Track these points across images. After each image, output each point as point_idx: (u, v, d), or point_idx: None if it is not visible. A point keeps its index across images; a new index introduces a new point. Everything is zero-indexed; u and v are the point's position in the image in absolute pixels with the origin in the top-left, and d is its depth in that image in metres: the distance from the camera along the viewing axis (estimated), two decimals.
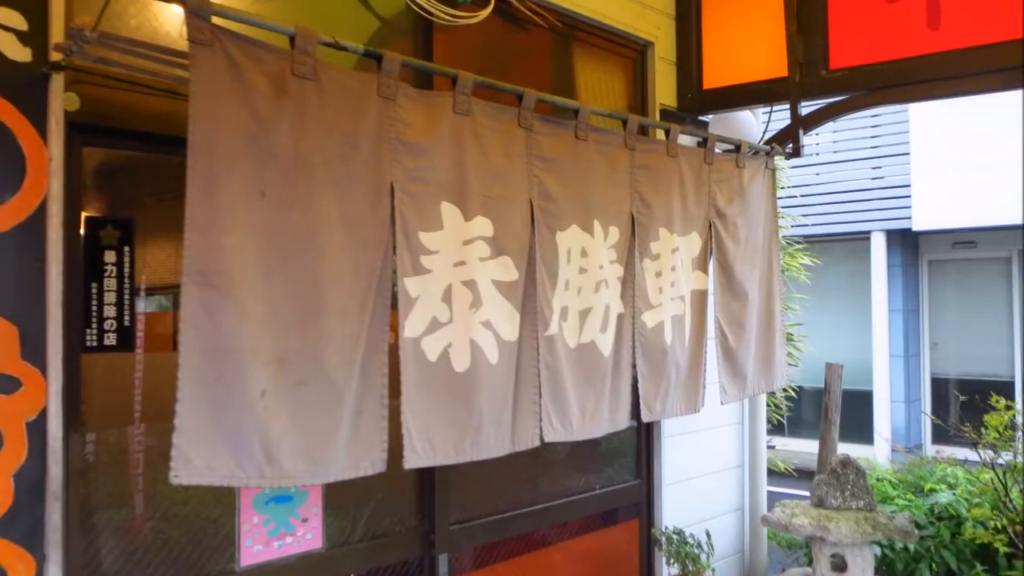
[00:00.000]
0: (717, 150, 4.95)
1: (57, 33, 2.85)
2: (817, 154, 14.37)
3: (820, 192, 14.38)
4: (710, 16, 5.70)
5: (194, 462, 2.58)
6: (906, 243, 14.14)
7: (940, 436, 13.17)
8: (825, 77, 5.12)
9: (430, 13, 4.00)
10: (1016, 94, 5.11)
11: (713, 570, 5.27)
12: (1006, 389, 11.52)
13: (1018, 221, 11.55)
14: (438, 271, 3.34)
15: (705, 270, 4.86)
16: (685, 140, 4.81)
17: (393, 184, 3.17)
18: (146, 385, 3.18)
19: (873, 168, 14.02)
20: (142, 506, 3.19)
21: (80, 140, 3.00)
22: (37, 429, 2.81)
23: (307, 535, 3.63)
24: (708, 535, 5.37)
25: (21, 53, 2.80)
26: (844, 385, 6.70)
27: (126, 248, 3.13)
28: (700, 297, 4.85)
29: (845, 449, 6.13)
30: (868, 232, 14.02)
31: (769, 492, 6.72)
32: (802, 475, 10.14)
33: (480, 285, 3.50)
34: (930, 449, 13.07)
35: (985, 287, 13.90)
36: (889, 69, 4.90)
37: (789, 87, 5.21)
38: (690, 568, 5.06)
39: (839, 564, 4.94)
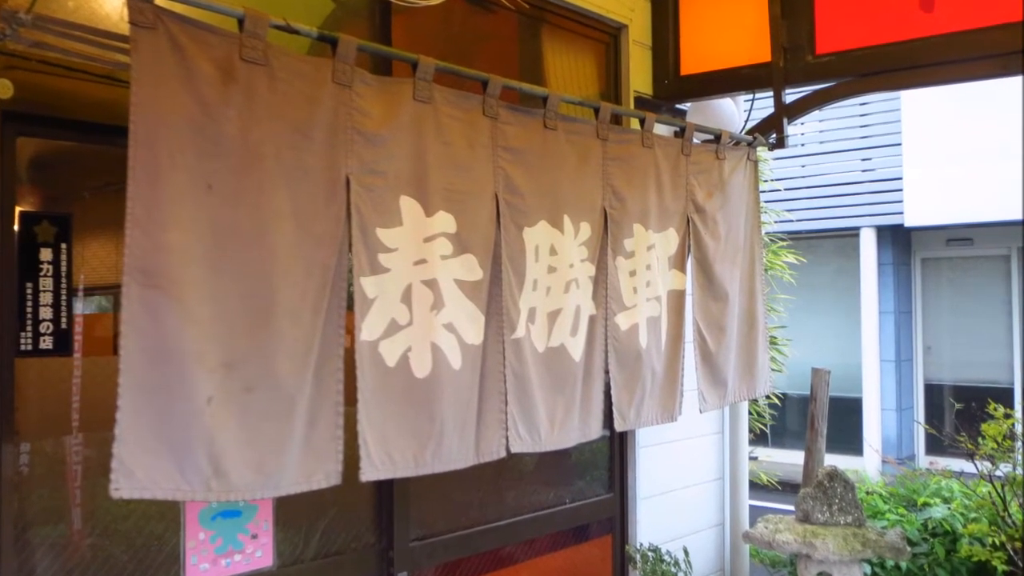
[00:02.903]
0: (696, 140, 5.00)
1: None
2: (802, 145, 14.50)
3: (806, 186, 14.51)
4: None
5: (136, 474, 2.60)
6: (898, 240, 14.27)
7: (934, 446, 13.32)
8: (811, 62, 5.17)
9: None
10: (1015, 81, 5.19)
11: None
12: (1004, 396, 11.66)
13: (1017, 216, 11.68)
14: (397, 270, 3.38)
15: (683, 269, 4.93)
16: (661, 130, 4.87)
17: (349, 177, 3.21)
18: (85, 392, 3.20)
19: (862, 160, 14.16)
20: (80, 521, 3.21)
21: (14, 130, 3.02)
22: None
23: (257, 552, 3.66)
24: (686, 552, 5.43)
25: None
26: (831, 392, 6.79)
27: (63, 245, 3.15)
28: (677, 298, 4.91)
29: (832, 460, 6.23)
30: (857, 228, 14.15)
31: (751, 506, 6.79)
32: (786, 488, 10.24)
33: (442, 285, 3.55)
34: (923, 460, 13.25)
35: (982, 287, 14.06)
36: (879, 54, 4.95)
37: (772, 73, 5.26)
38: None
39: None
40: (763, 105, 5.76)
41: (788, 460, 12.97)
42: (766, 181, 9.24)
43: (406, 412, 3.41)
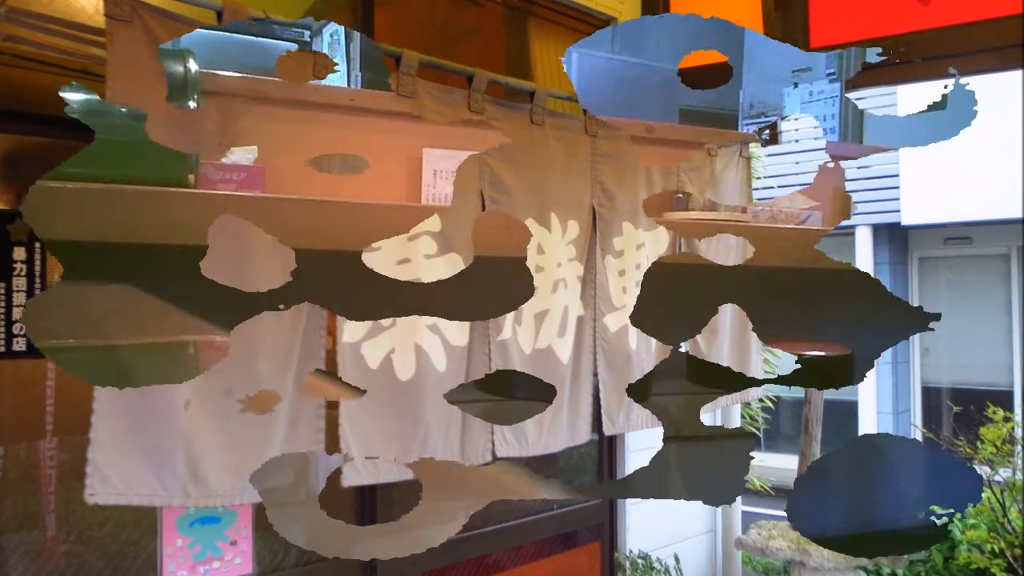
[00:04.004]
0: None
1: None
2: (796, 141, 14.50)
3: (800, 183, 14.46)
4: None
5: (111, 479, 2.62)
6: (894, 239, 14.28)
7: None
8: None
9: None
10: (1015, 75, 5.19)
11: None
12: (1004, 399, 11.65)
13: (1017, 215, 11.70)
14: (380, 269, 3.38)
15: None
16: None
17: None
18: (59, 395, 3.20)
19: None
20: (55, 527, 3.22)
21: None
22: None
23: (236, 559, 3.66)
24: (677, 559, 5.45)
25: None
26: (826, 395, 6.78)
27: (37, 244, 3.15)
28: None
29: None
30: (853, 227, 14.14)
31: (744, 512, 6.81)
32: (780, 494, 10.25)
33: None
34: None
35: (981, 287, 14.08)
36: (876, 48, 4.97)
37: None
38: None
39: None
40: None
41: (782, 465, 12.90)
42: (759, 178, 9.26)
43: (389, 415, 3.42)
